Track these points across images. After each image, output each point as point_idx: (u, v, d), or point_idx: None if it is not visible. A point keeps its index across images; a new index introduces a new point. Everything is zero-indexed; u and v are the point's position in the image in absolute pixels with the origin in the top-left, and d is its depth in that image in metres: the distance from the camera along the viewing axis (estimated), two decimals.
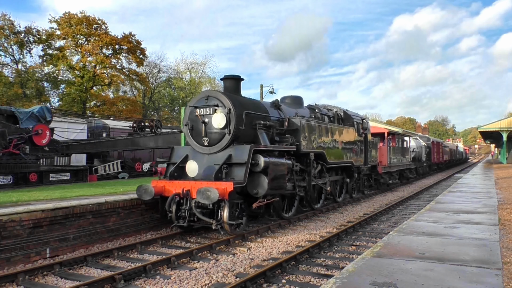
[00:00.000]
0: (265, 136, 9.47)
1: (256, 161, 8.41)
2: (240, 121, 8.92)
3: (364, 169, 15.44)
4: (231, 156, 8.60)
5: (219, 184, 7.85)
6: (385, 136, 20.60)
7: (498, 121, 42.64)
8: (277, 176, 8.73)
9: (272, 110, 10.65)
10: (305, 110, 12.47)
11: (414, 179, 26.45)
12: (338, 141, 12.88)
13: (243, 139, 9.09)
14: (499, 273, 4.48)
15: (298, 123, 10.59)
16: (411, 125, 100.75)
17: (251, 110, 9.38)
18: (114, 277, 5.70)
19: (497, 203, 10.93)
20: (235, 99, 9.21)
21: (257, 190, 8.41)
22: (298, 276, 6.17)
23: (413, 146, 27.79)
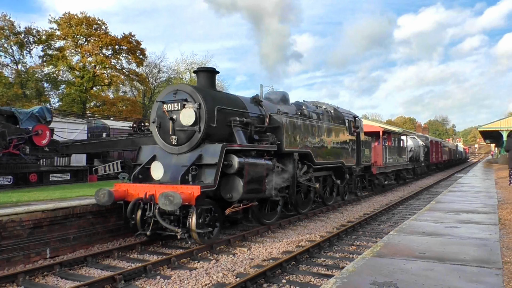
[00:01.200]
0: (241, 134, 8.64)
1: (229, 162, 7.66)
2: (212, 118, 8.12)
3: (356, 169, 14.56)
4: (202, 157, 7.81)
5: (185, 188, 7.07)
6: (380, 135, 19.72)
7: (498, 120, 42.62)
8: (254, 179, 8.02)
9: (252, 106, 9.78)
10: (290, 107, 11.63)
11: (411, 180, 25.83)
12: (326, 140, 12.03)
13: (216, 138, 8.26)
14: (499, 272, 4.48)
15: (280, 120, 9.73)
16: (411, 124, 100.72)
17: (225, 106, 8.58)
18: (114, 277, 5.70)
19: (497, 202, 10.93)
20: (207, 93, 8.42)
21: (231, 194, 7.72)
22: (299, 276, 6.17)
23: (411, 146, 26.99)
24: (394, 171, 21.24)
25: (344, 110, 14.43)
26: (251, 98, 10.04)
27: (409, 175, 25.34)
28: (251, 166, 7.99)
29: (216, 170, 7.48)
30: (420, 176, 29.36)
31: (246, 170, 7.80)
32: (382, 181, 18.76)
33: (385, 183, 19.52)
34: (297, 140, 10.34)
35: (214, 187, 7.40)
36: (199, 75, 9.12)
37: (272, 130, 9.62)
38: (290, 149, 9.95)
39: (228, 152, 7.75)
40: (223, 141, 8.16)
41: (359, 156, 14.70)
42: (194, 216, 7.16)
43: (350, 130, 14.01)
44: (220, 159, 7.55)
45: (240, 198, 7.82)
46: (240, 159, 7.74)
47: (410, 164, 25.25)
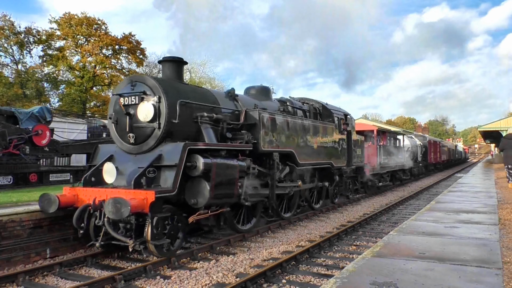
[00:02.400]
0: (211, 132, 7.78)
1: (193, 163, 6.79)
2: (173, 113, 7.21)
3: (347, 171, 13.66)
4: (161, 157, 6.92)
5: (138, 193, 6.21)
6: (374, 134, 18.80)
7: (498, 120, 42.63)
8: (224, 182, 7.18)
9: (226, 101, 8.88)
10: (273, 102, 10.80)
11: (408, 181, 25.06)
12: (312, 139, 11.09)
13: (180, 136, 7.38)
14: (499, 272, 4.49)
15: (256, 117, 8.75)
16: (411, 124, 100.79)
17: (191, 100, 7.70)
18: (114, 277, 5.70)
19: (497, 202, 10.93)
20: (169, 86, 7.55)
21: (196, 199, 6.90)
22: (298, 276, 6.17)
23: (408, 146, 26.07)
24: (389, 172, 20.35)
25: (334, 107, 13.55)
26: (226, 92, 9.23)
27: (406, 176, 24.52)
28: (219, 168, 7.11)
29: (176, 172, 6.55)
30: (418, 177, 28.55)
31: (213, 172, 6.91)
32: (376, 182, 17.88)
33: (380, 184, 18.68)
34: (277, 139, 9.38)
35: (173, 192, 6.46)
36: (164, 66, 8.20)
37: (248, 128, 8.71)
38: (268, 148, 9.04)
39: (191, 151, 6.84)
40: (189, 140, 7.29)
41: (350, 156, 13.89)
42: (150, 225, 6.29)
43: (340, 128, 13.19)
44: (181, 159, 6.62)
45: (207, 204, 7.01)
46: (206, 160, 6.86)
47: (407, 165, 24.40)
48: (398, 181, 22.68)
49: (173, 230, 6.81)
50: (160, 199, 6.31)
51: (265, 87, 11.04)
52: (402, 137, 24.60)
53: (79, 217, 6.69)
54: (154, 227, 6.29)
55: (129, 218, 6.30)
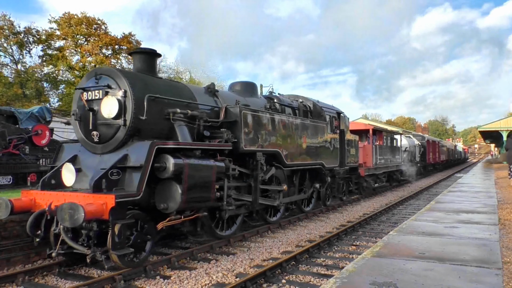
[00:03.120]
0: (185, 130, 7.11)
1: (163, 163, 6.18)
2: (141, 108, 6.55)
3: (340, 171, 12.95)
4: (127, 157, 6.27)
5: (97, 197, 5.62)
6: (370, 134, 18.14)
7: (497, 120, 42.65)
8: (198, 184, 6.57)
9: (205, 96, 8.25)
10: (258, 99, 10.17)
11: (405, 182, 24.18)
12: (301, 138, 10.40)
13: (149, 134, 6.73)
14: (499, 272, 4.49)
15: (237, 114, 8.09)
16: (411, 124, 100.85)
17: (163, 95, 7.06)
18: (114, 277, 5.70)
19: (497, 202, 10.95)
20: (137, 79, 6.91)
21: (166, 203, 6.30)
22: (298, 276, 6.17)
23: (405, 145, 25.33)
24: (385, 172, 19.61)
25: (326, 105, 12.82)
26: (205, 88, 8.60)
27: (403, 177, 23.72)
28: (193, 169, 6.48)
29: (141, 174, 5.94)
30: (416, 177, 27.26)
31: (186, 174, 6.31)
32: (371, 183, 17.24)
33: (376, 185, 17.98)
34: (261, 138, 8.69)
35: (138, 196, 5.83)
36: (135, 58, 7.54)
37: (228, 126, 8.06)
38: (251, 148, 8.37)
39: (161, 151, 6.22)
40: (160, 138, 6.73)
41: (343, 157, 13.23)
42: (110, 234, 5.66)
43: (332, 127, 12.52)
44: (148, 160, 6.00)
45: (179, 209, 6.39)
46: (177, 160, 6.24)
47: (405, 165, 23.72)
48: (396, 182, 22.13)
49: (140, 238, 6.15)
50: (122, 204, 5.68)
51: (250, 83, 10.40)
52: (400, 136, 23.79)
53: (34, 223, 6.08)
54: (116, 235, 5.62)
55: (91, 225, 5.70)
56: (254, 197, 8.62)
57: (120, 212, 5.72)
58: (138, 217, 6.18)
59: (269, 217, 9.78)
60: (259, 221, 9.73)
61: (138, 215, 6.20)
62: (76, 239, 5.92)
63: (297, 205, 11.35)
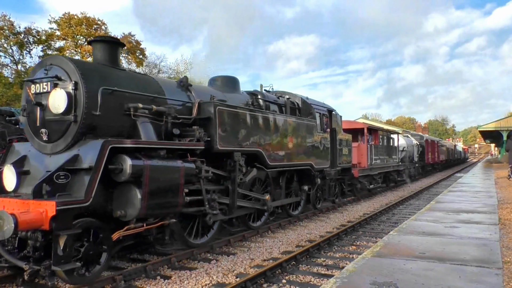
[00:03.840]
0: (149, 127, 6.38)
1: (119, 165, 5.50)
2: (94, 103, 5.79)
3: (331, 173, 12.19)
4: (78, 158, 5.56)
5: (36, 204, 4.95)
6: (365, 133, 17.31)
7: (497, 120, 42.68)
8: (162, 188, 5.88)
9: (176, 91, 7.50)
10: (240, 95, 9.43)
11: (403, 183, 23.40)
12: (287, 137, 9.62)
13: (106, 131, 5.99)
14: (499, 272, 4.49)
15: (211, 110, 7.32)
16: (411, 124, 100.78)
17: (123, 87, 6.26)
18: (115, 277, 5.69)
19: (497, 202, 10.95)
20: (92, 69, 6.19)
21: (124, 210, 5.61)
22: (299, 276, 6.17)
23: (403, 145, 24.60)
24: (381, 173, 18.81)
25: (316, 102, 12.08)
26: (178, 81, 7.89)
27: (401, 178, 22.89)
28: (156, 171, 5.80)
29: (91, 177, 5.25)
30: (414, 178, 26.91)
31: (146, 177, 5.63)
32: (366, 185, 16.40)
33: (371, 187, 17.16)
34: (240, 136, 7.96)
35: (86, 202, 5.12)
36: (95, 48, 6.77)
37: (202, 123, 7.31)
38: (227, 147, 7.63)
39: (115, 151, 5.54)
40: (120, 137, 6.05)
41: (335, 157, 12.47)
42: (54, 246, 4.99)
43: (323, 125, 11.78)
44: (99, 161, 5.32)
45: (139, 216, 5.69)
46: (135, 161, 5.56)
47: (402, 165, 22.93)
48: (393, 182, 21.37)
49: (92, 249, 5.36)
50: (66, 212, 4.96)
51: (231, 77, 9.67)
52: (397, 136, 23.07)
53: None
54: (59, 248, 4.94)
55: (36, 235, 5.14)
56: (231, 201, 7.90)
57: (65, 221, 4.99)
58: (90, 226, 5.38)
59: (251, 223, 9.03)
60: (239, 226, 9.05)
61: (90, 223, 5.39)
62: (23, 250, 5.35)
63: (283, 209, 10.64)
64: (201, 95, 7.80)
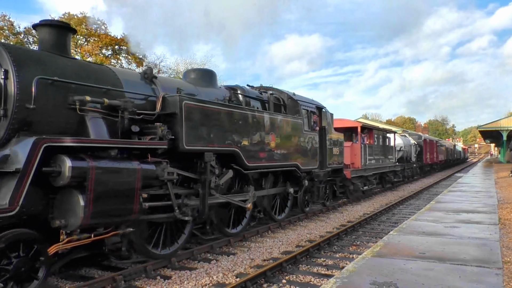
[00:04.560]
0: (100, 124, 5.64)
1: (56, 167, 4.77)
2: (28, 95, 5.06)
3: (320, 174, 11.42)
4: (8, 159, 4.80)
5: None
6: (358, 132, 16.41)
7: (497, 120, 42.71)
8: (111, 193, 5.14)
9: (137, 83, 6.72)
10: (217, 89, 8.67)
11: (400, 183, 22.58)
12: (269, 136, 8.84)
13: (45, 129, 5.19)
14: (499, 272, 4.49)
15: (177, 105, 6.46)
16: (411, 124, 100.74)
17: (68, 78, 5.47)
18: (115, 277, 5.70)
19: (497, 202, 10.96)
20: (28, 56, 5.45)
21: (64, 220, 4.89)
22: (299, 276, 6.18)
23: (400, 145, 23.96)
24: (376, 174, 17.98)
25: (304, 99, 11.31)
26: (141, 73, 7.14)
27: (397, 178, 22.08)
28: (104, 174, 5.05)
29: (17, 181, 4.54)
30: (412, 178, 26.17)
31: (92, 180, 4.89)
32: (359, 186, 15.49)
33: (365, 188, 16.26)
34: (211, 134, 7.16)
35: (12, 211, 4.44)
36: (40, 34, 6.03)
37: (167, 119, 6.53)
38: (195, 146, 6.78)
39: (51, 150, 4.80)
40: (65, 134, 5.27)
41: (324, 157, 11.73)
42: None
43: (311, 123, 11.04)
44: (29, 162, 4.62)
45: (83, 226, 4.94)
46: (76, 163, 4.82)
47: (399, 166, 22.06)
48: (389, 183, 20.57)
49: (25, 265, 4.60)
50: None
51: (208, 70, 9.16)
52: (393, 135, 22.12)
53: None
54: None
55: None
56: (202, 207, 7.08)
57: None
58: (19, 239, 4.59)
59: (228, 229, 8.31)
60: (214, 233, 8.25)
61: (18, 236, 4.58)
62: None
63: (267, 213, 9.83)
64: (167, 89, 7.01)
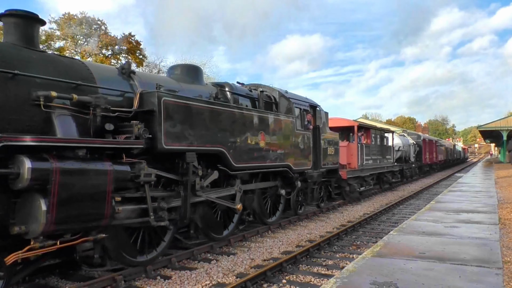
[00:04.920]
0: (69, 122, 5.24)
1: (14, 168, 4.35)
2: None
3: (313, 175, 11.00)
4: None
5: None
6: (355, 131, 15.94)
7: (498, 120, 42.70)
8: (77, 197, 4.71)
9: (113, 78, 6.27)
10: (203, 86, 8.22)
11: (398, 184, 22.17)
12: (258, 135, 8.44)
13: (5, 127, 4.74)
14: (499, 272, 4.50)
15: (155, 101, 6.02)
16: (411, 124, 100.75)
17: (33, 72, 5.10)
18: (115, 277, 5.70)
19: (497, 202, 10.96)
20: None
21: (25, 226, 4.46)
22: (299, 276, 6.18)
23: (399, 144, 23.45)
24: (374, 174, 17.48)
25: (297, 97, 10.88)
26: (119, 68, 6.67)
27: (396, 179, 21.59)
28: (69, 176, 4.65)
29: None
30: (411, 178, 25.70)
31: (55, 183, 4.48)
32: (355, 187, 14.87)
33: (361, 189, 15.73)
34: (194, 133, 6.72)
35: None
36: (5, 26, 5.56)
37: (145, 117, 6.06)
38: (176, 146, 6.34)
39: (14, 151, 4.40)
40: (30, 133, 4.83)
41: (318, 157, 11.31)
42: None
43: (304, 122, 10.65)
44: None
45: (47, 233, 4.50)
46: (37, 164, 4.39)
47: (397, 166, 21.64)
48: (387, 184, 20.07)
49: None
50: None
51: (193, 66, 8.75)
52: (391, 134, 21.66)
53: None
54: None
55: None
56: (183, 210, 6.68)
57: None
58: None
59: (214, 234, 7.80)
60: (198, 238, 7.80)
61: None
62: None
63: (257, 216, 9.42)
64: (147, 85, 6.58)
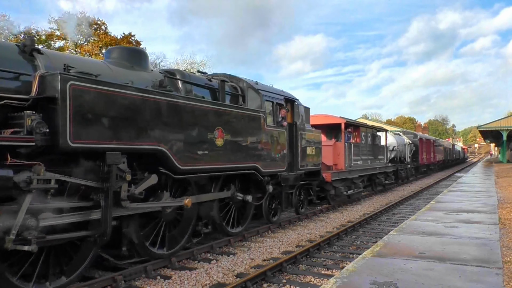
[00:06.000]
0: None
1: None
2: None
3: (289, 177, 9.60)
4: None
5: None
6: (342, 129, 14.42)
7: (498, 120, 42.72)
8: None
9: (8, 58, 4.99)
10: (147, 73, 6.89)
11: (393, 186, 21.02)
12: (214, 132, 7.05)
13: None
14: (500, 272, 4.50)
15: (57, 87, 4.66)
16: (411, 124, 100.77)
17: None
18: (115, 277, 5.69)
19: (497, 202, 10.96)
20: None
21: None
22: (299, 276, 6.18)
23: (393, 144, 22.22)
24: (364, 176, 16.10)
25: (270, 89, 9.53)
26: (19, 45, 5.31)
27: (390, 180, 20.38)
28: None
29: None
30: (407, 180, 24.59)
31: None
32: (341, 190, 13.48)
33: (349, 192, 14.27)
34: (121, 128, 5.38)
35: None
36: None
37: (47, 106, 4.78)
38: (88, 143, 4.99)
39: None
40: None
41: (295, 158, 9.96)
42: None
43: (276, 118, 9.30)
44: None
45: None
46: None
47: (391, 167, 20.43)
48: (380, 186, 18.87)
49: None
50: None
51: (136, 49, 7.79)
52: (384, 133, 20.27)
53: None
54: None
55: None
56: (103, 223, 5.29)
57: None
58: None
59: (155, 249, 6.45)
60: (133, 256, 6.24)
61: None
62: None
63: (218, 226, 8.00)
64: (56, 67, 5.25)
